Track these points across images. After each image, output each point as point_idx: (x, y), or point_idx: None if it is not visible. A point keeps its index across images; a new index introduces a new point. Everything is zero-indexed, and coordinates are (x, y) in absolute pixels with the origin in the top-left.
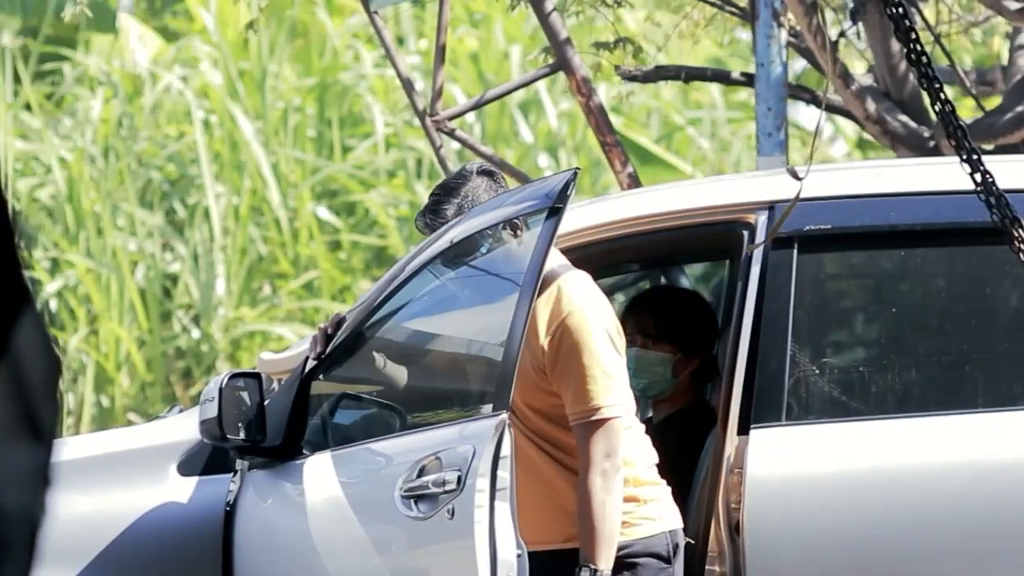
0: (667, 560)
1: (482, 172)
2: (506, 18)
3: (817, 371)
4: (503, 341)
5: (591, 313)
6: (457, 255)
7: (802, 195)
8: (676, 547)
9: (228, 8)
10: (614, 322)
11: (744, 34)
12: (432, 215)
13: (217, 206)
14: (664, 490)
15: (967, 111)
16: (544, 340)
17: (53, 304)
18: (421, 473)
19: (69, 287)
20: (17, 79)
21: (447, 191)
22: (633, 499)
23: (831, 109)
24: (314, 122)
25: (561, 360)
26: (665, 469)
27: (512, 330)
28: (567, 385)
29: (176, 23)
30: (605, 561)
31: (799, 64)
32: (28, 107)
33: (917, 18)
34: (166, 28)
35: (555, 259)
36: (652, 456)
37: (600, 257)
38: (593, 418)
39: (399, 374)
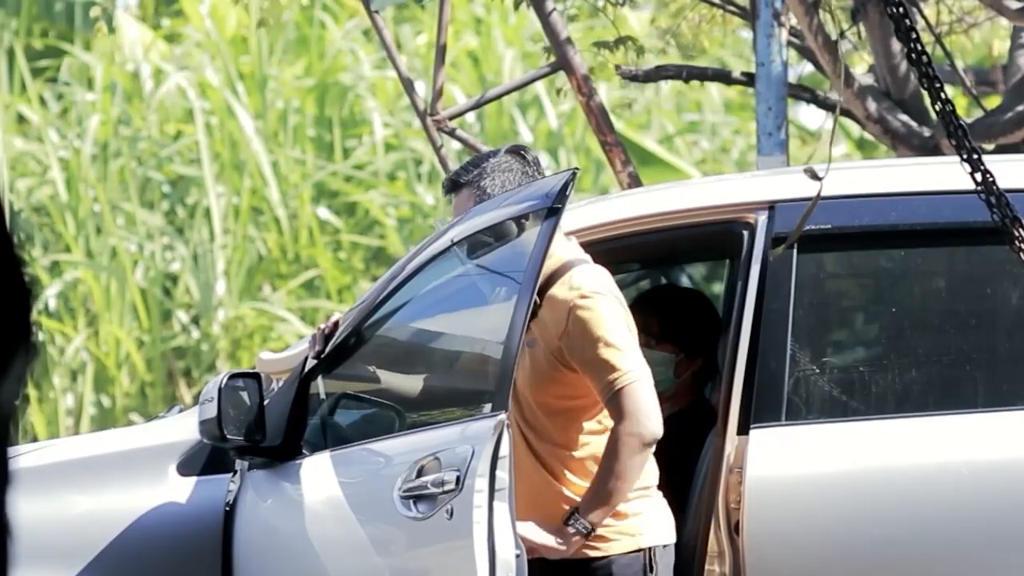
0: None
1: (511, 151)
2: (504, 25)
3: (817, 371)
4: (502, 341)
5: (599, 298)
6: (457, 255)
7: (801, 195)
8: (652, 564)
9: (225, 8)
10: (625, 310)
11: (745, 32)
12: (453, 177)
13: (218, 206)
14: (652, 503)
15: (964, 110)
16: (559, 328)
17: (53, 304)
18: (420, 473)
19: (69, 287)
20: (13, 77)
21: (473, 160)
22: (615, 513)
23: (831, 108)
24: (313, 123)
25: (576, 346)
26: (665, 469)
27: (511, 330)
28: (588, 368)
29: (175, 23)
30: (596, 516)
31: (808, 68)
32: (29, 102)
33: (918, 18)
34: (161, 27)
35: (572, 251)
36: (647, 476)
37: (600, 257)
38: (617, 386)
39: (394, 380)
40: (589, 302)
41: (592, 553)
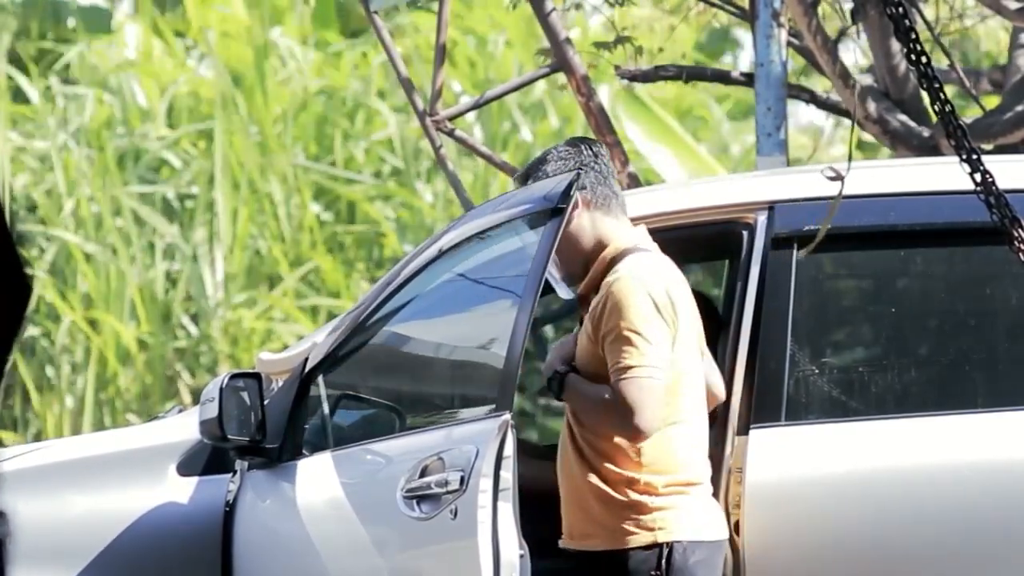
0: None
1: (570, 142)
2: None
3: (816, 371)
4: (506, 341)
5: (634, 281)
6: (462, 255)
7: (801, 196)
8: (669, 560)
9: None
10: (663, 296)
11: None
12: (524, 171)
13: (221, 205)
14: (687, 500)
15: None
16: (596, 310)
17: (52, 301)
18: (423, 473)
19: (70, 285)
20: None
21: (540, 155)
22: (638, 505)
23: (831, 108)
24: (315, 121)
25: (604, 326)
26: None
27: (515, 331)
28: (608, 350)
29: (177, 24)
30: (567, 392)
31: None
32: (27, 101)
33: (917, 18)
34: (163, 24)
35: (632, 239)
36: (690, 472)
37: None
38: (623, 378)
39: (395, 381)
40: (620, 284)
41: (610, 546)
